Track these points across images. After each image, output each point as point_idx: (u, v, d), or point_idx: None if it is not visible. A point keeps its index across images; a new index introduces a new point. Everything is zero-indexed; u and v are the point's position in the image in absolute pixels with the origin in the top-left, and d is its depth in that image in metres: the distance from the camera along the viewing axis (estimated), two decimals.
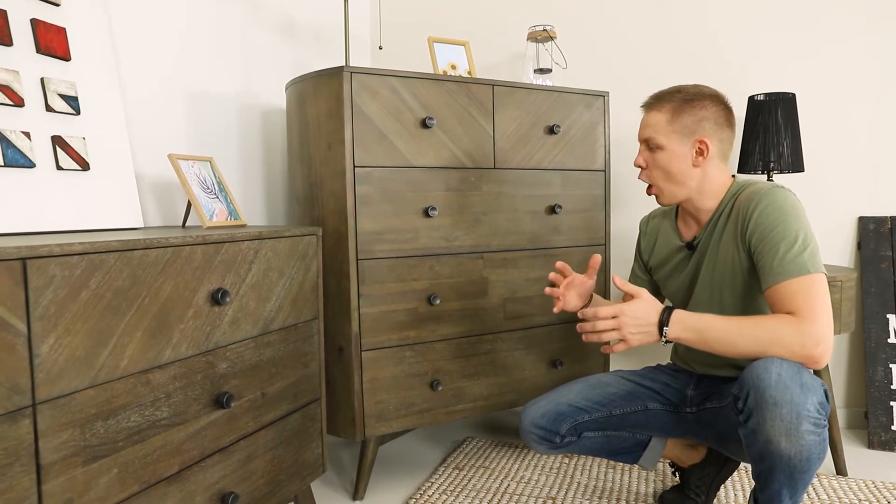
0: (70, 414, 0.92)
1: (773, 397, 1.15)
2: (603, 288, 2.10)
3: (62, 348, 0.91)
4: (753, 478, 1.24)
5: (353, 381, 1.69)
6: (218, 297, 1.19)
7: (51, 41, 1.31)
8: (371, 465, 1.79)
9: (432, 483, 1.85)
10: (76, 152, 1.33)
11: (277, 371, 1.40)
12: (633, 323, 1.29)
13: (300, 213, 1.86)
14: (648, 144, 1.47)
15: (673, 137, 1.42)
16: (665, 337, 1.29)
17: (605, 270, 2.11)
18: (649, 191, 1.50)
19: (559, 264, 1.56)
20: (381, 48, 1.88)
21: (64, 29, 1.35)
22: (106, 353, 0.98)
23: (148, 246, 1.05)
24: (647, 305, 1.30)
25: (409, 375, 1.77)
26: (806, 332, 1.21)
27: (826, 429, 1.17)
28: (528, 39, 2.20)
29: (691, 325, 1.28)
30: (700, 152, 1.43)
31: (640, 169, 1.51)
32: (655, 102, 1.46)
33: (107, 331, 0.98)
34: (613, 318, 1.29)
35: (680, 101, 1.43)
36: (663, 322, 1.29)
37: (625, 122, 2.43)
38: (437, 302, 1.78)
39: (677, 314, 1.29)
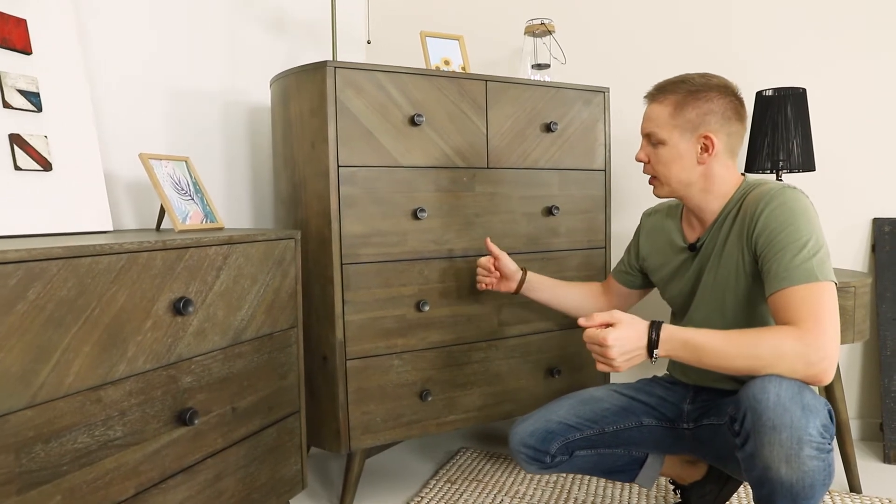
0: (2, 438, 0.84)
1: (772, 420, 1.05)
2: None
3: None
4: (755, 502, 1.15)
5: (337, 392, 1.61)
6: (180, 307, 1.11)
7: (8, 33, 1.24)
8: (357, 479, 1.71)
9: (422, 498, 1.77)
10: (37, 151, 1.26)
11: (250, 384, 1.32)
12: (620, 352, 1.16)
13: (285, 215, 1.78)
14: (650, 139, 1.38)
15: (675, 133, 1.33)
16: (655, 358, 1.18)
17: (605, 274, 2.02)
18: (651, 181, 1.42)
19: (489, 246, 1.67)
20: (369, 42, 1.80)
21: (24, 20, 1.27)
22: (47, 369, 0.90)
23: (98, 252, 0.97)
24: (631, 332, 1.17)
25: (398, 385, 1.68)
26: (811, 347, 1.10)
27: (831, 453, 1.07)
28: (525, 33, 2.10)
29: (683, 343, 1.16)
30: (705, 148, 1.33)
31: (643, 163, 1.43)
32: (658, 94, 1.38)
33: (48, 346, 0.90)
34: (599, 344, 1.17)
35: (684, 93, 1.33)
36: (653, 344, 1.17)
37: (626, 119, 2.33)
38: (427, 308, 1.69)
39: (666, 331, 1.17)
